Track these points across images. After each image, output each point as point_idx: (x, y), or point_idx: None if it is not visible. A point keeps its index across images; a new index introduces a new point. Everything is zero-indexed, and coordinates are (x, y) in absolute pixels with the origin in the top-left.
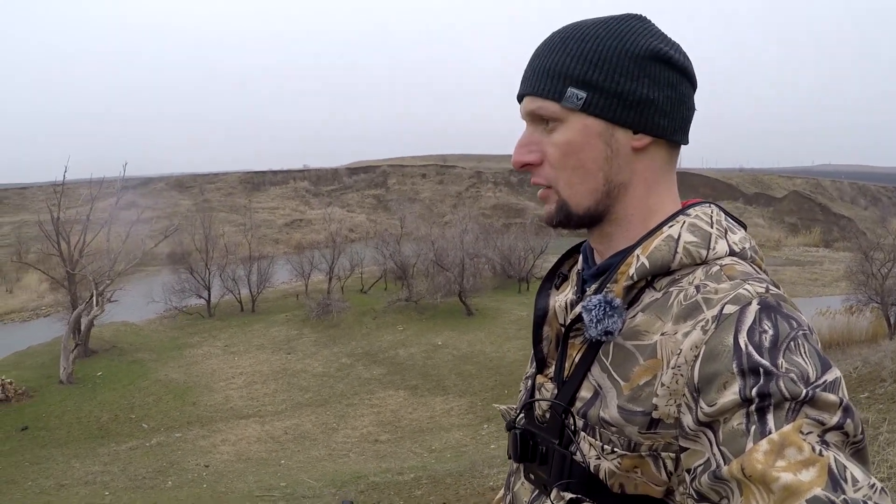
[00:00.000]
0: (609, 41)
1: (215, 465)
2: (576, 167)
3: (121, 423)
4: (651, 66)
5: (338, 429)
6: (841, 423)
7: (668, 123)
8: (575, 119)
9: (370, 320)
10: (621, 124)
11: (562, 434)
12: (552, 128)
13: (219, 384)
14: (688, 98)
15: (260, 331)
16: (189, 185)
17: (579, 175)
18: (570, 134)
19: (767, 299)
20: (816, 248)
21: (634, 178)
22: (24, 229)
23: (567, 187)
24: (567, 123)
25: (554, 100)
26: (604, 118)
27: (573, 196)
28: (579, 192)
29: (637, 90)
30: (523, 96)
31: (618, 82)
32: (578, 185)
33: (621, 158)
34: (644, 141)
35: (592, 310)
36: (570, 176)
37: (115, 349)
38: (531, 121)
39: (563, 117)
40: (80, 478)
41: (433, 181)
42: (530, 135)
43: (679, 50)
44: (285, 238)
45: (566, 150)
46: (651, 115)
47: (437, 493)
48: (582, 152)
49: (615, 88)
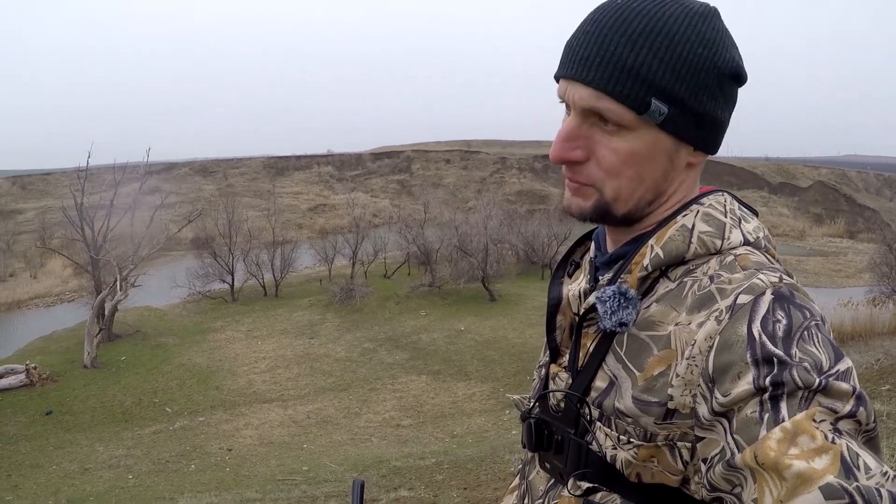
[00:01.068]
0: (699, 49)
1: (238, 449)
2: (632, 177)
3: (144, 407)
4: (728, 85)
5: (360, 413)
6: (854, 411)
7: (721, 139)
8: (647, 132)
9: (393, 305)
10: (689, 142)
11: (577, 424)
12: (614, 131)
13: (242, 368)
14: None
15: (283, 315)
16: (213, 170)
17: (633, 184)
18: (637, 145)
19: (781, 289)
20: (840, 238)
21: (679, 188)
22: (49, 215)
23: (614, 192)
24: (636, 133)
25: (632, 108)
26: (677, 136)
27: (618, 200)
28: (626, 199)
29: (714, 111)
30: (578, 81)
31: (700, 101)
32: (627, 192)
33: (676, 172)
34: (701, 159)
35: (607, 301)
36: (622, 183)
37: (138, 334)
38: (584, 114)
39: (634, 127)
40: (104, 461)
41: (457, 167)
42: (578, 128)
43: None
44: (309, 223)
45: (628, 161)
46: (718, 136)
47: (458, 478)
48: (643, 164)
49: (697, 108)
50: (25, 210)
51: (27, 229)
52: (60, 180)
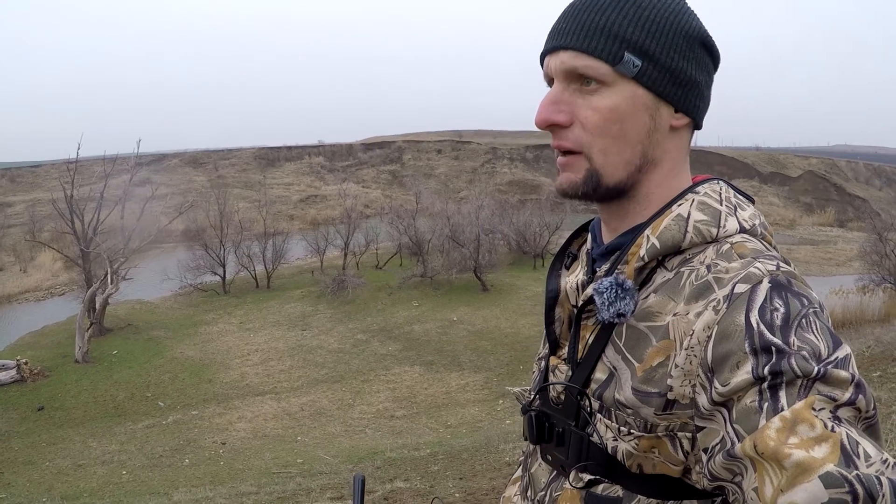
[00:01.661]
0: (665, 14)
1: (232, 443)
2: (617, 136)
3: (137, 401)
4: (698, 49)
5: (354, 405)
6: (853, 398)
7: (702, 107)
8: (624, 86)
9: (385, 296)
10: (667, 100)
11: (578, 416)
12: (594, 90)
13: (234, 361)
14: (712, 85)
15: (275, 307)
16: (203, 161)
17: (619, 144)
18: (616, 100)
19: (778, 277)
20: (830, 227)
21: (665, 156)
22: (38, 207)
23: (602, 155)
24: (614, 88)
25: (607, 62)
26: (654, 91)
27: (607, 165)
28: (614, 162)
29: (687, 69)
30: (559, 49)
31: (672, 58)
32: (615, 155)
33: (659, 134)
34: (682, 121)
35: (604, 292)
36: (608, 144)
37: (130, 327)
38: (566, 78)
39: (611, 81)
40: (98, 457)
41: (448, 157)
42: (561, 92)
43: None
44: (300, 214)
45: (610, 117)
46: (694, 96)
47: (454, 469)
48: (626, 121)
49: (669, 63)
50: (14, 203)
51: (16, 222)
52: (50, 173)
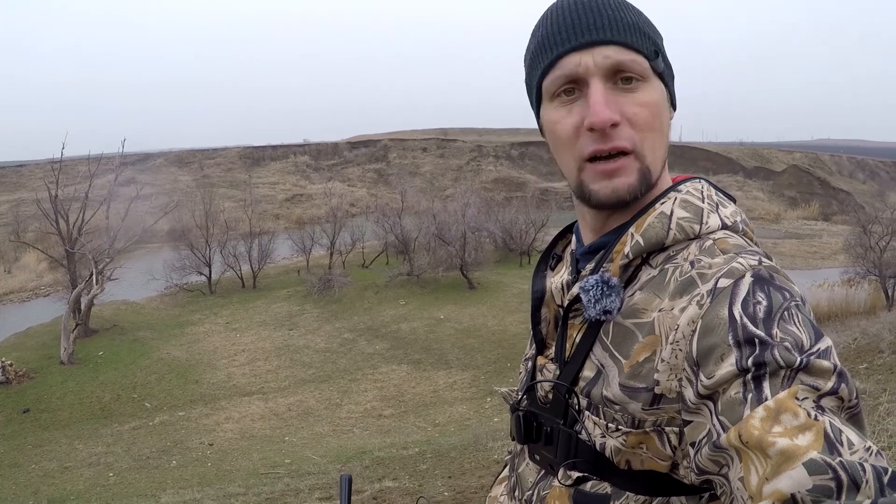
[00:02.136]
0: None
1: (219, 444)
2: (659, 130)
3: (123, 402)
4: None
5: (341, 404)
6: (835, 388)
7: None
8: (656, 82)
9: (372, 295)
10: (671, 95)
11: (566, 414)
12: (635, 87)
13: (221, 362)
14: None
15: (261, 307)
16: (188, 160)
17: (661, 139)
18: (656, 95)
19: (760, 271)
20: (815, 221)
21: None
22: (22, 208)
23: (651, 152)
24: (651, 84)
25: (647, 57)
26: (667, 87)
27: (655, 162)
28: (659, 158)
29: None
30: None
31: (666, 59)
32: (659, 151)
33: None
34: (673, 115)
35: (590, 290)
36: (655, 140)
37: (115, 328)
38: (607, 75)
39: (648, 77)
40: (84, 459)
41: (434, 155)
42: (605, 92)
43: None
44: (286, 213)
45: (655, 112)
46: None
47: (442, 467)
48: (663, 115)
49: (669, 62)
50: None
51: (0, 223)
52: (34, 172)
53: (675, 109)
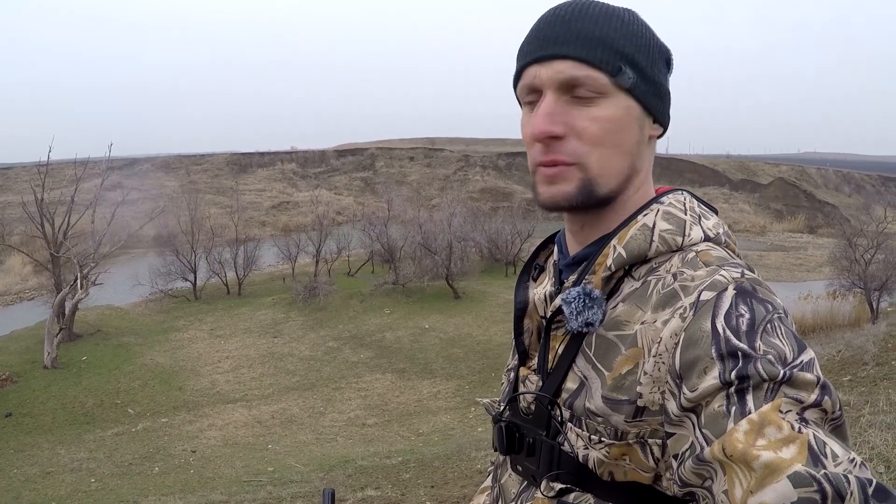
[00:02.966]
0: (644, 31)
1: (202, 451)
2: (613, 146)
3: (106, 408)
4: (665, 66)
5: (325, 413)
6: (819, 400)
7: (668, 120)
8: (620, 97)
9: (357, 303)
10: (651, 112)
11: (548, 426)
12: (590, 101)
13: (205, 368)
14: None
15: (246, 314)
16: (175, 166)
17: (616, 155)
18: (614, 111)
19: (743, 284)
20: (801, 233)
21: (643, 165)
22: (8, 210)
23: (599, 165)
24: (611, 100)
25: (607, 73)
26: (643, 103)
27: (603, 175)
28: (610, 172)
29: (664, 83)
30: (553, 58)
31: (654, 72)
32: (612, 166)
33: (644, 145)
34: (658, 131)
35: (572, 302)
36: (605, 154)
37: (100, 333)
38: (561, 89)
39: (609, 92)
40: (66, 465)
41: (421, 164)
42: (555, 104)
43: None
44: (272, 220)
45: (609, 127)
46: (667, 108)
47: (425, 477)
48: (622, 132)
49: (653, 77)
50: None
51: None
52: (20, 175)
53: (665, 126)
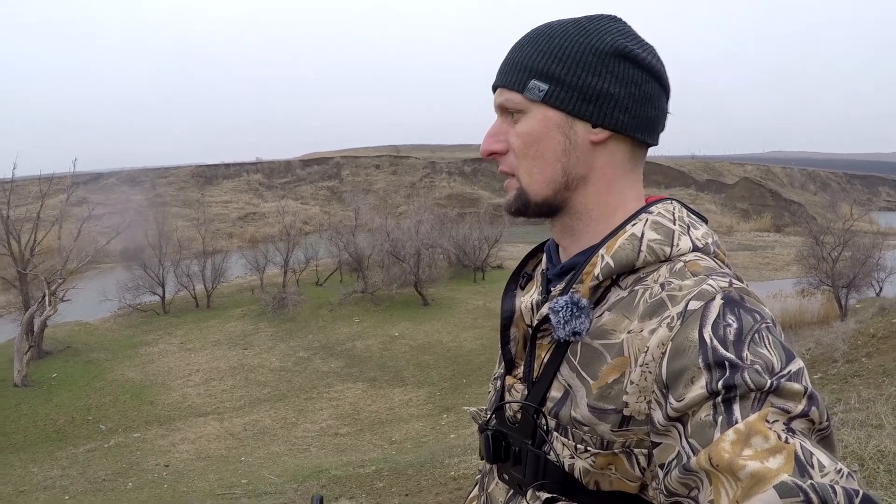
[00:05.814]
0: (576, 37)
1: (175, 465)
2: (535, 157)
3: (78, 425)
4: (615, 63)
5: (297, 423)
6: (806, 410)
7: (627, 119)
8: (537, 110)
9: (326, 313)
10: (580, 117)
11: (534, 434)
12: (517, 118)
13: (176, 382)
14: (654, 98)
15: (216, 326)
16: (141, 179)
17: (538, 165)
18: (531, 124)
19: (731, 294)
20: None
21: (594, 172)
22: None
23: (526, 175)
24: (529, 114)
25: (518, 91)
26: (563, 110)
27: (531, 185)
28: (537, 181)
29: (597, 84)
30: (494, 89)
31: (579, 76)
32: (537, 175)
33: (579, 151)
34: (602, 135)
35: (560, 311)
36: (529, 165)
37: (69, 349)
38: (500, 112)
39: (526, 108)
40: (39, 483)
41: (387, 172)
42: (499, 125)
43: (650, 51)
44: (239, 232)
45: (527, 140)
46: (610, 109)
47: (399, 485)
48: (541, 143)
49: (576, 82)
50: None
51: None
52: None
53: (608, 127)
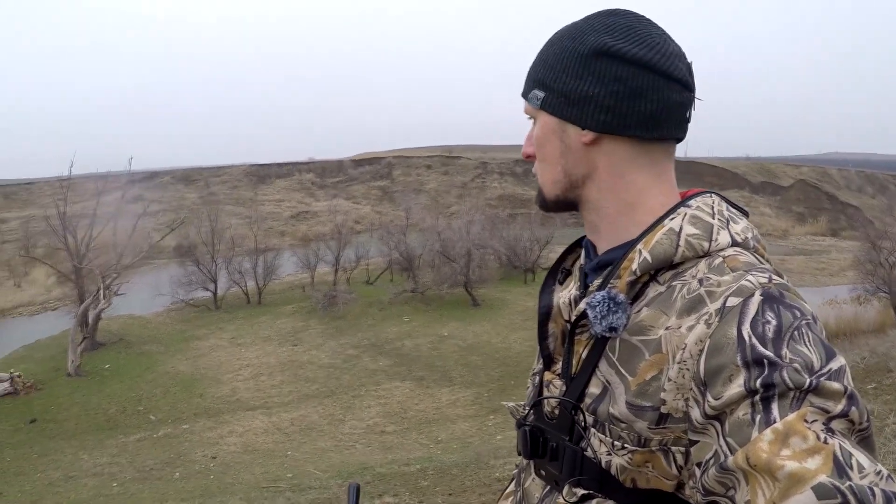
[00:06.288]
0: (565, 42)
1: (222, 457)
2: (542, 159)
3: (128, 414)
4: (595, 63)
5: (344, 420)
6: (846, 410)
7: (610, 119)
8: (540, 117)
9: (376, 311)
10: (568, 121)
11: (572, 430)
12: (534, 125)
13: (226, 376)
14: (649, 91)
15: (266, 323)
16: (195, 178)
17: (545, 166)
18: (537, 130)
19: (770, 290)
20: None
21: (596, 171)
22: (32, 224)
23: (540, 175)
24: (537, 120)
25: (526, 100)
26: (555, 115)
27: (544, 184)
28: (547, 181)
29: (577, 88)
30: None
31: (563, 81)
32: (545, 175)
33: (575, 153)
34: (589, 136)
35: (596, 306)
36: (541, 166)
37: (122, 342)
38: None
39: (535, 115)
40: (89, 469)
41: (438, 172)
42: (530, 130)
43: (643, 43)
44: (291, 230)
45: (536, 144)
46: (590, 111)
47: (443, 484)
48: (544, 147)
49: (561, 87)
50: (9, 219)
51: (10, 238)
52: (43, 190)
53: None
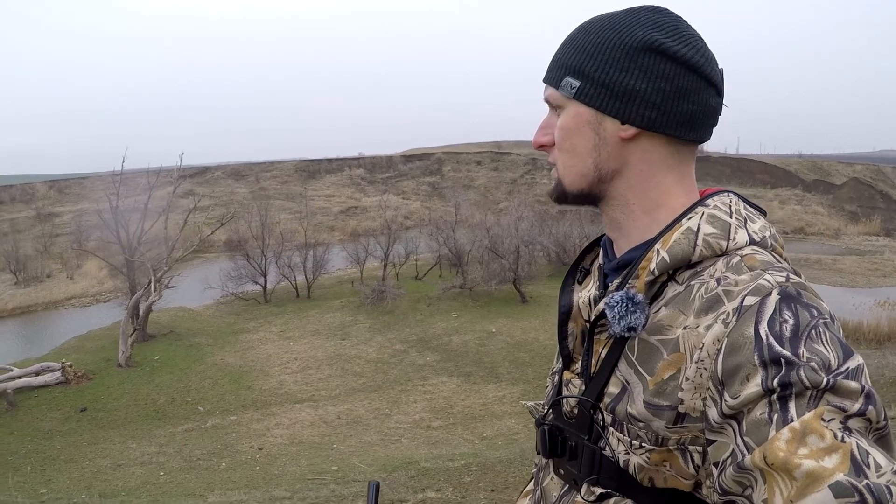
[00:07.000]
0: (608, 32)
1: (268, 448)
2: (569, 151)
3: (177, 405)
4: (644, 58)
5: (390, 414)
6: (863, 409)
7: (656, 116)
8: (571, 106)
9: (424, 307)
10: (608, 114)
11: (590, 430)
12: (558, 113)
13: (274, 369)
14: (692, 92)
15: (315, 317)
16: (245, 173)
17: (572, 159)
18: (565, 119)
19: (787, 289)
20: (877, 236)
21: (627, 167)
22: (85, 218)
23: (562, 167)
24: (566, 110)
25: (555, 87)
26: (593, 107)
27: (566, 176)
28: (571, 175)
29: (624, 81)
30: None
31: (607, 73)
32: (571, 167)
33: (610, 147)
34: (630, 132)
35: (615, 306)
36: (565, 158)
37: (172, 334)
38: (548, 107)
39: (563, 104)
40: (137, 458)
41: (488, 168)
42: (548, 119)
43: (688, 43)
44: (340, 225)
45: (562, 134)
46: (636, 106)
47: (487, 480)
48: (573, 137)
49: (604, 79)
50: (62, 213)
51: (64, 231)
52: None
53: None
